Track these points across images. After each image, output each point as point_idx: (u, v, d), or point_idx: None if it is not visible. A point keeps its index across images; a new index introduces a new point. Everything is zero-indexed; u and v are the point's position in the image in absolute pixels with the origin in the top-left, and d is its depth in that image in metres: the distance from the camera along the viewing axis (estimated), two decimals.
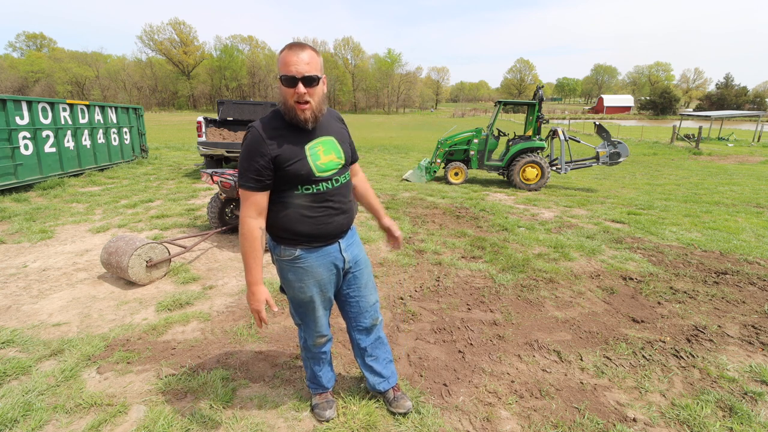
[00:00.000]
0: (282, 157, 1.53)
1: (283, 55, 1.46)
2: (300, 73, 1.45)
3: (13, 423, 1.92)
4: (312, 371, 2.02)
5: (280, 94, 1.53)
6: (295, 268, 1.69)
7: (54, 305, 3.15)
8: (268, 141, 1.51)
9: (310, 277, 1.70)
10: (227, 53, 78.84)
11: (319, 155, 1.61)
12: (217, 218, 4.93)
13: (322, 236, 1.68)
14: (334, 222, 1.69)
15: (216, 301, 3.29)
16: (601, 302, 3.38)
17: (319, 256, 1.70)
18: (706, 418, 2.06)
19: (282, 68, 1.46)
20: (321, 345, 1.93)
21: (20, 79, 71.13)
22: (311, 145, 1.60)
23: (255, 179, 1.53)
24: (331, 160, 1.65)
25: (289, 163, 1.54)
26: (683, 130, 23.68)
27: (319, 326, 1.85)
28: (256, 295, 1.62)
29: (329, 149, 1.65)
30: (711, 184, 9.83)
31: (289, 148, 1.54)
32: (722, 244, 4.93)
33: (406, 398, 2.08)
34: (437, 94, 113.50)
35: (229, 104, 10.02)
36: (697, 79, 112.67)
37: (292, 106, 1.51)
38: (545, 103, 69.05)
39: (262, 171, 1.52)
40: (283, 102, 1.53)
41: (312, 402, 2.07)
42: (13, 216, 5.47)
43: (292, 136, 1.56)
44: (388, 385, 2.06)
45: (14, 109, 6.81)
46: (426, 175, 9.36)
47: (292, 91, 1.48)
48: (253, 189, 1.54)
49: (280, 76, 1.47)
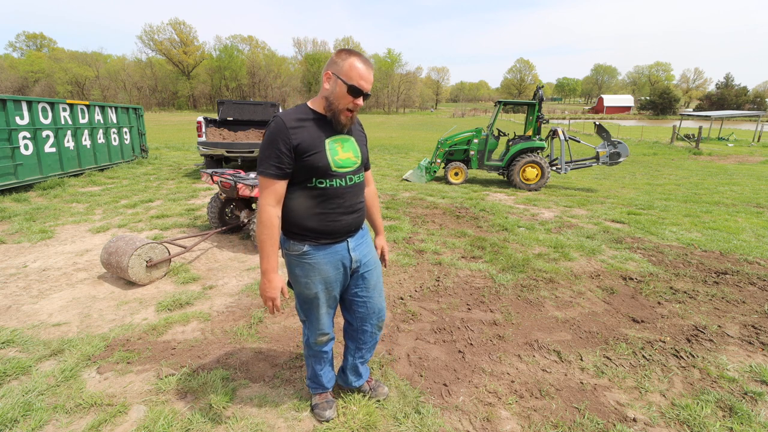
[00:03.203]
0: (302, 146, 1.57)
1: (359, 68, 1.55)
2: (367, 90, 1.59)
3: (13, 423, 1.92)
4: (313, 370, 2.02)
5: (331, 93, 1.58)
6: (302, 263, 1.71)
7: (54, 305, 3.15)
8: (290, 130, 1.56)
9: (316, 273, 1.72)
10: (227, 53, 78.67)
11: (337, 151, 1.66)
12: (217, 218, 4.94)
13: (330, 233, 1.70)
14: (343, 220, 1.72)
15: (216, 301, 3.29)
16: (601, 302, 3.38)
17: (327, 254, 1.72)
18: (706, 418, 2.06)
19: (354, 78, 1.55)
20: (322, 344, 1.94)
21: (20, 79, 71.08)
22: (331, 140, 1.65)
23: (276, 166, 1.57)
24: (349, 158, 1.70)
25: (308, 153, 1.58)
26: (683, 130, 23.69)
27: (321, 324, 1.86)
28: (273, 282, 1.64)
29: (348, 148, 1.71)
30: (711, 184, 9.83)
31: (310, 139, 1.59)
32: (722, 244, 4.93)
33: (381, 384, 2.21)
34: (437, 94, 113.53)
35: (229, 104, 10.03)
36: (697, 79, 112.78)
37: (341, 109, 1.60)
38: (545, 103, 69.13)
39: (283, 158, 1.56)
40: (332, 101, 1.59)
41: (312, 402, 2.07)
42: (13, 216, 5.47)
43: (315, 129, 1.61)
44: (362, 381, 2.16)
45: (14, 109, 6.81)
46: (426, 175, 9.36)
47: (350, 99, 1.58)
48: (272, 176, 1.58)
49: (349, 84, 1.54)
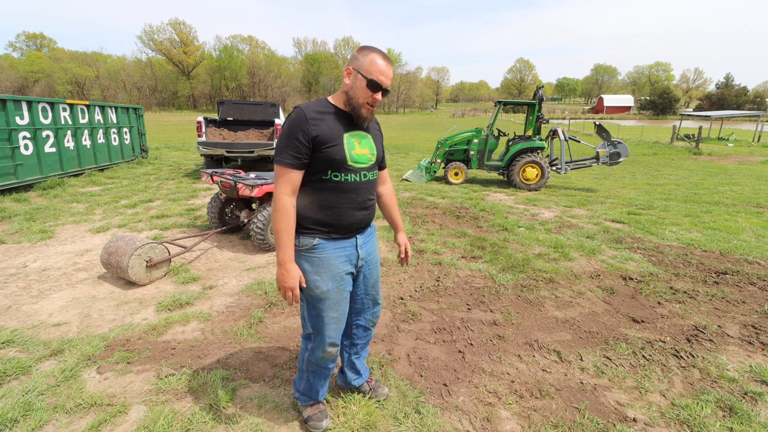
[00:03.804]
0: (321, 138, 1.58)
1: (380, 63, 1.58)
2: (387, 85, 1.61)
3: (13, 423, 1.91)
4: (309, 384, 1.93)
5: (351, 87, 1.61)
6: (311, 258, 1.70)
7: (54, 305, 3.15)
8: (310, 121, 1.57)
9: (326, 269, 1.70)
10: (227, 53, 78.62)
11: (354, 145, 1.67)
12: (217, 218, 4.94)
13: (341, 227, 1.71)
14: (355, 216, 1.72)
15: (216, 301, 3.29)
16: (601, 302, 3.38)
17: (337, 248, 1.72)
18: (706, 418, 2.06)
19: (374, 73, 1.57)
20: (330, 357, 1.83)
21: (20, 79, 71.02)
22: (350, 135, 1.67)
23: (293, 156, 1.58)
24: (365, 154, 1.71)
25: (326, 145, 1.59)
26: (683, 130, 23.69)
27: (332, 331, 1.77)
28: (291, 272, 1.62)
29: (365, 144, 1.72)
30: (711, 184, 9.83)
31: (329, 132, 1.60)
32: (722, 244, 4.93)
33: (381, 385, 2.19)
34: (437, 94, 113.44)
35: (229, 104, 10.04)
36: (697, 79, 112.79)
37: (362, 104, 1.62)
38: (545, 103, 69.04)
39: (301, 148, 1.57)
40: (352, 96, 1.62)
41: (304, 414, 1.96)
42: (13, 216, 5.47)
43: (334, 123, 1.63)
44: (362, 380, 2.14)
45: (14, 109, 6.81)
46: (426, 175, 9.36)
47: (370, 94, 1.60)
48: (289, 166, 1.58)
49: (369, 78, 1.57)
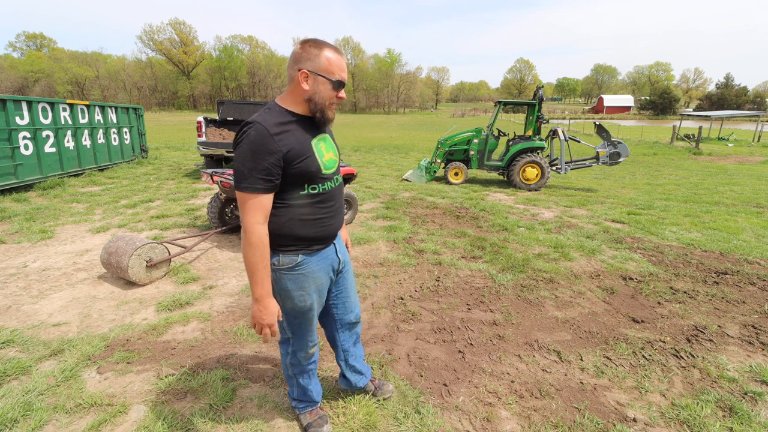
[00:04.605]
0: (293, 152, 1.43)
1: (335, 59, 1.46)
2: (345, 79, 1.51)
3: (13, 423, 1.91)
4: (300, 388, 1.89)
5: (316, 93, 1.47)
6: (295, 275, 1.58)
7: (54, 305, 3.15)
8: (275, 137, 1.39)
9: (311, 283, 1.62)
10: (227, 53, 78.70)
11: (322, 152, 1.56)
12: (217, 218, 4.94)
13: (324, 238, 1.63)
14: (335, 223, 1.66)
15: (216, 301, 3.29)
16: (601, 302, 3.38)
17: (320, 260, 1.64)
18: (706, 418, 2.06)
19: (335, 72, 1.47)
20: (312, 355, 1.83)
21: (20, 79, 71.11)
22: (316, 141, 1.54)
23: (264, 179, 1.39)
24: (331, 158, 1.61)
25: (299, 159, 1.45)
26: (683, 130, 23.70)
27: (311, 333, 1.77)
28: (269, 308, 1.50)
29: (329, 146, 1.62)
30: (711, 184, 9.83)
31: (298, 144, 1.45)
32: (722, 244, 4.93)
33: (385, 383, 2.18)
34: (437, 94, 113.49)
35: (229, 104, 10.04)
36: (697, 79, 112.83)
37: (328, 105, 1.51)
38: (545, 103, 69.10)
39: (272, 170, 1.40)
40: (318, 102, 1.48)
41: (303, 423, 1.91)
42: (13, 216, 5.47)
43: (300, 132, 1.48)
44: (366, 380, 2.10)
45: (14, 109, 6.81)
46: (426, 175, 9.36)
47: (335, 94, 1.50)
48: (261, 191, 1.41)
49: (335, 80, 1.47)
